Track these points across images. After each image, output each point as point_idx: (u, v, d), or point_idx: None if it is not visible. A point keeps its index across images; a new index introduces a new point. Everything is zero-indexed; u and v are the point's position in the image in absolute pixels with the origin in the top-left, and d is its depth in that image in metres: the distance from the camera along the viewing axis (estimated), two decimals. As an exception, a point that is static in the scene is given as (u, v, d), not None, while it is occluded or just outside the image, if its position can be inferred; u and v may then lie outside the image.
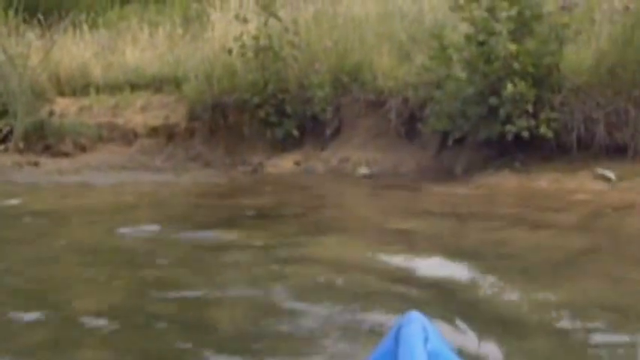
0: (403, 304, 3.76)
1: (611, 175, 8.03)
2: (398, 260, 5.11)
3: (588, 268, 4.96)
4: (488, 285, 4.35)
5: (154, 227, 6.73)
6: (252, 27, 11.59)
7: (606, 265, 5.03)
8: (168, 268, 5.21)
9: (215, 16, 13.32)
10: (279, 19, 11.34)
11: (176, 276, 4.93)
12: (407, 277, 4.66)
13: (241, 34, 11.21)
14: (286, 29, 11.25)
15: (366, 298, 4.17)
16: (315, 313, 3.92)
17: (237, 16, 11.44)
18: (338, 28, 11.44)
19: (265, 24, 11.27)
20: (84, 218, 7.57)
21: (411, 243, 5.94)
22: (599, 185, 7.96)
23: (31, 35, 14.59)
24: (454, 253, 5.29)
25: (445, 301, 4.11)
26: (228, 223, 7.16)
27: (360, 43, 10.94)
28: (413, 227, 6.56)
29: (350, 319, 3.79)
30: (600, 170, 8.12)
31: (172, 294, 4.50)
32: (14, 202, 8.41)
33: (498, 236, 6.05)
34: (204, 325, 3.84)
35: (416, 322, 1.70)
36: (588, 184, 8.01)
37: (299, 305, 4.10)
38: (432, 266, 4.89)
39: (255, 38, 11.22)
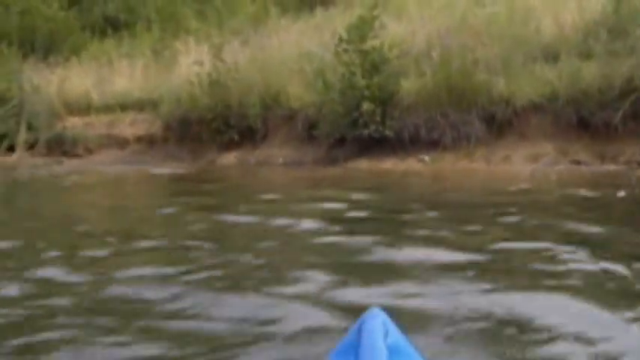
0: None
1: (427, 159, 12.09)
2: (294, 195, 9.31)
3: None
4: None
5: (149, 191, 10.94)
6: (207, 65, 15.00)
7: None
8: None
9: (181, 58, 17.01)
10: (224, 62, 14.92)
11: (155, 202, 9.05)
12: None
13: (199, 73, 14.83)
14: (229, 68, 14.79)
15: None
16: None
17: (196, 62, 15.11)
18: (265, 66, 14.83)
19: (215, 65, 14.86)
20: (103, 186, 11.82)
21: (294, 189, 10.19)
22: (419, 165, 12.04)
23: (47, 71, 18.34)
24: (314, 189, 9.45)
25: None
26: (191, 187, 11.28)
27: (279, 76, 14.37)
28: (296, 185, 10.81)
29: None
30: (421, 156, 12.20)
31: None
32: (61, 180, 12.58)
33: (347, 186, 10.16)
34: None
35: (377, 317, 1.69)
36: (413, 165, 12.06)
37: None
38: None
39: (209, 75, 14.78)
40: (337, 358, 1.67)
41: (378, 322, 1.66)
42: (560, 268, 4.48)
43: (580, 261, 4.63)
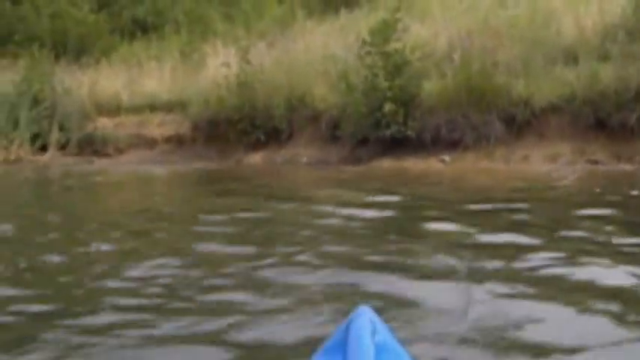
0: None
1: (447, 159, 12.44)
2: (314, 189, 9.70)
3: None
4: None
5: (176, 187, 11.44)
6: (234, 67, 15.35)
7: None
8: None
9: (208, 60, 17.43)
10: (251, 64, 15.31)
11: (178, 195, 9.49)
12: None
13: (226, 75, 15.25)
14: (256, 70, 15.18)
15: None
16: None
17: (223, 64, 15.51)
18: (291, 68, 15.20)
19: (242, 67, 15.26)
20: (134, 184, 12.36)
21: (322, 185, 10.62)
22: (440, 165, 12.39)
23: (79, 73, 18.85)
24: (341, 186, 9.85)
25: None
26: (223, 184, 11.71)
27: (304, 78, 14.76)
28: (323, 182, 11.22)
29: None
30: (441, 156, 12.54)
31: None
32: (95, 178, 13.07)
33: (370, 182, 10.56)
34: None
35: (364, 315, 1.69)
36: (433, 164, 12.41)
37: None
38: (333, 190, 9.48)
39: (236, 76, 15.16)
40: (325, 356, 1.67)
41: (365, 320, 1.66)
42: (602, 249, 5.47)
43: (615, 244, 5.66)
